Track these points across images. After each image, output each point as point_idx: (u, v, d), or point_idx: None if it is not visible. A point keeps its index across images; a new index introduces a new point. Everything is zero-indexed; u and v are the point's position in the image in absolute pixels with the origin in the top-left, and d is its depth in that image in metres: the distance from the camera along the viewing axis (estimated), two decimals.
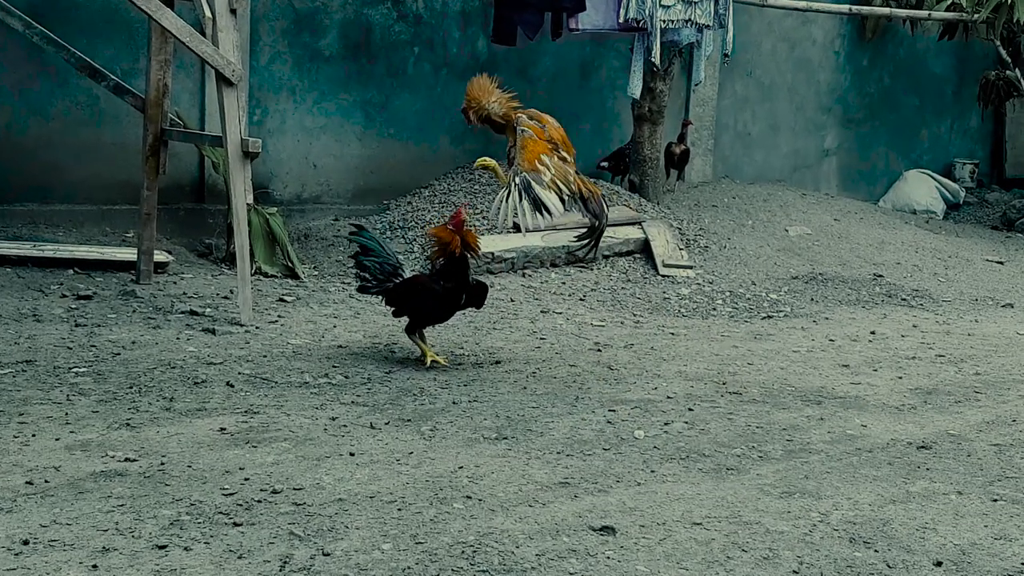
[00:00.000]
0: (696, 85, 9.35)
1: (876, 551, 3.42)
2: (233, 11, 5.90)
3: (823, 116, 11.35)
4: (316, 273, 7.26)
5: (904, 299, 7.85)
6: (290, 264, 7.13)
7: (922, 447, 4.51)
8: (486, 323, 6.31)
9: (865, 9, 10.52)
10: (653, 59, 8.26)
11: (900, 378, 5.66)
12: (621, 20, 8.23)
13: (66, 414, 4.26)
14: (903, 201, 11.53)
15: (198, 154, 7.80)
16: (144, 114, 6.36)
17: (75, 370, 4.83)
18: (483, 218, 8.02)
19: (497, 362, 5.50)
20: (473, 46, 9.01)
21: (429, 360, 5.30)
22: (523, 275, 7.54)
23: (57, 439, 3.98)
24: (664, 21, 8.30)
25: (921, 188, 11.59)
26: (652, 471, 4.04)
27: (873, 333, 6.73)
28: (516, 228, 5.15)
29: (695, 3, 8.38)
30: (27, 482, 3.57)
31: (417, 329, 5.37)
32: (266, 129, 8.21)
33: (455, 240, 5.21)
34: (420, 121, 8.87)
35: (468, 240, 5.25)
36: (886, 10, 10.49)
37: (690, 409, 4.85)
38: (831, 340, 6.47)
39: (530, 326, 6.39)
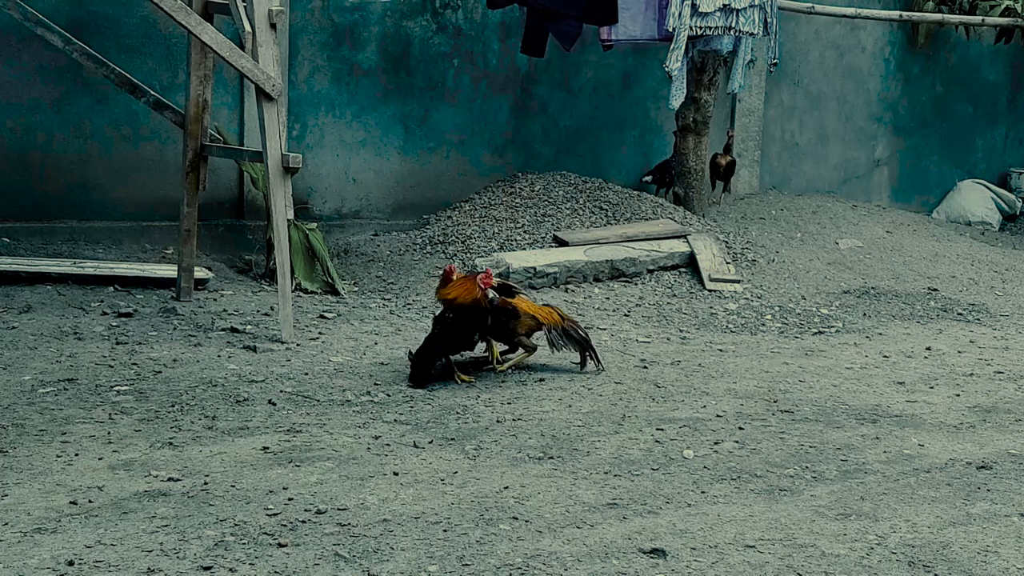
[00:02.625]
0: (730, 93, 9.19)
1: (936, 575, 3.33)
2: (273, 25, 5.86)
3: (873, 125, 11.17)
4: (356, 289, 7.22)
5: (960, 314, 7.66)
6: (330, 280, 7.09)
7: (982, 467, 4.41)
8: None
9: (916, 15, 10.34)
10: (666, 66, 8.16)
11: (958, 395, 5.53)
12: (670, 28, 8.13)
13: (108, 433, 4.25)
14: (957, 212, 11.31)
15: (237, 170, 7.80)
16: (184, 130, 6.34)
17: (117, 388, 4.81)
18: (524, 231, 7.97)
19: (541, 380, 5.43)
20: (513, 58, 8.96)
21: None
22: (566, 290, 7.46)
23: (100, 458, 3.98)
24: (700, 28, 8.19)
25: (976, 199, 11.36)
26: (702, 492, 3.96)
27: (929, 349, 6.57)
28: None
29: (738, 11, 8.26)
30: (71, 502, 3.58)
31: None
32: (305, 144, 8.20)
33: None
34: (460, 135, 8.83)
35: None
36: (938, 16, 10.30)
37: (740, 428, 4.76)
38: (885, 356, 6.33)
39: None
